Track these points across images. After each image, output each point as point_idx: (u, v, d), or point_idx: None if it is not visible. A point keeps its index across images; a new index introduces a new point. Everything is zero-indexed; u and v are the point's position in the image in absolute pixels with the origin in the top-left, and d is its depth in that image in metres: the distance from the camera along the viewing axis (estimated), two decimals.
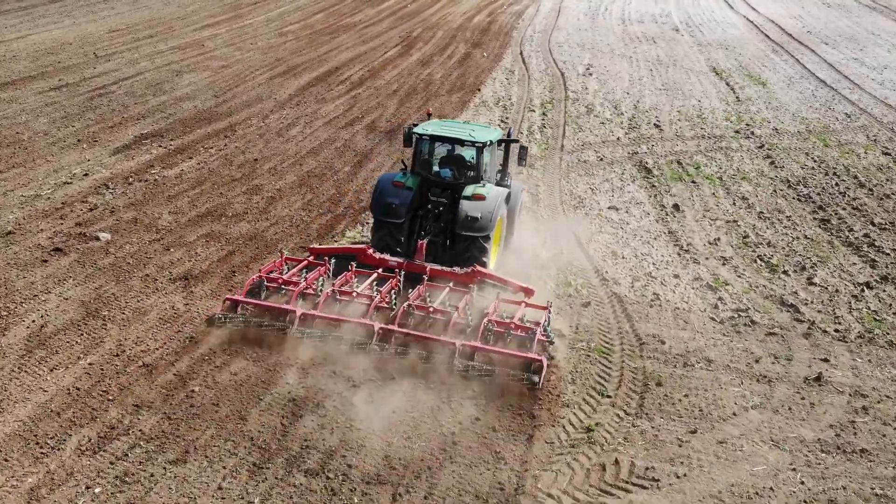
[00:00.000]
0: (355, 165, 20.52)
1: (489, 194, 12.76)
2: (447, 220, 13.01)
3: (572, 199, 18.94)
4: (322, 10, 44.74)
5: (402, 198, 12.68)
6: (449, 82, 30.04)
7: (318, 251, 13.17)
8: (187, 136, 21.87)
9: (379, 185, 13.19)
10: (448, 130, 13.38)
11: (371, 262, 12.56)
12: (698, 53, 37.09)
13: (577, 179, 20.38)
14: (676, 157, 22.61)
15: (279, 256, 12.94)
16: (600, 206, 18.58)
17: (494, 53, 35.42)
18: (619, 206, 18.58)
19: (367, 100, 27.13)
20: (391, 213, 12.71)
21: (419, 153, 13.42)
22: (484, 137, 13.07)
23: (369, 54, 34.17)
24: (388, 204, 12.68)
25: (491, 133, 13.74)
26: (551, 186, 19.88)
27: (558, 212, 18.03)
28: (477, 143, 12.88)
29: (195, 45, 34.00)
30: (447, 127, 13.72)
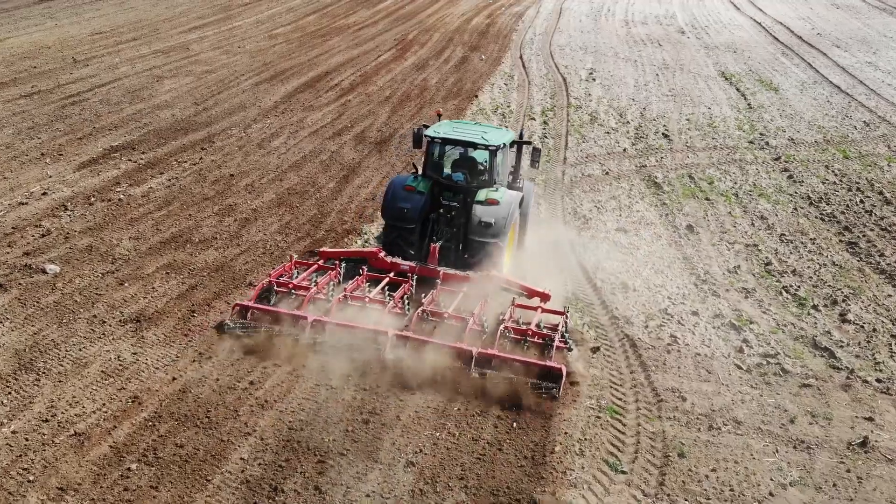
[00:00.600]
0: (341, 181, 18.78)
1: (503, 199, 12.45)
2: (460, 224, 12.71)
3: (576, 220, 17.20)
4: (315, 11, 43.00)
5: (413, 202, 12.42)
6: (445, 88, 28.29)
7: (328, 255, 12.85)
8: (161, 149, 20.13)
9: (390, 188, 12.90)
10: (460, 133, 12.97)
11: (382, 265, 12.34)
12: (706, 57, 35.33)
13: (581, 196, 18.63)
14: (688, 171, 20.87)
15: (289, 260, 12.59)
16: (607, 227, 16.84)
17: (493, 57, 33.67)
18: (627, 227, 16.84)
19: (358, 107, 25.40)
20: (403, 218, 12.46)
21: (431, 156, 13.08)
22: (497, 140, 12.70)
23: (362, 58, 32.42)
24: (400, 208, 12.42)
25: (504, 135, 13.31)
26: (553, 205, 18.16)
27: (561, 234, 16.29)
28: (490, 146, 12.53)
29: (180, 49, 32.26)
30: (459, 129, 13.26)
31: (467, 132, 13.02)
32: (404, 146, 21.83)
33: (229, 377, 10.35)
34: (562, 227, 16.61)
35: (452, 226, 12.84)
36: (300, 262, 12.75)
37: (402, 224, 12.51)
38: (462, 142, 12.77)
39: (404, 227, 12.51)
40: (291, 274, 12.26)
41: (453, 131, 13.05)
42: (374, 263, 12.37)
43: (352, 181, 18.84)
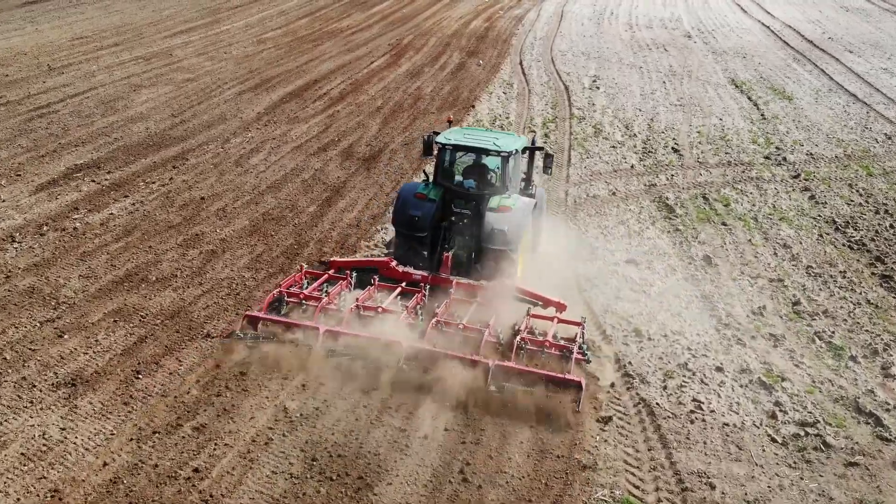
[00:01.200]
0: (323, 204, 17.05)
1: (515, 206, 12.22)
2: (472, 231, 12.42)
3: (582, 249, 15.45)
4: (307, 14, 41.25)
5: (424, 210, 12.18)
6: (440, 97, 26.55)
7: (338, 264, 12.66)
8: (128, 168, 18.40)
9: (401, 196, 12.61)
10: (472, 139, 12.68)
11: (394, 275, 12.11)
12: (714, 63, 33.57)
13: (586, 221, 16.89)
14: (701, 191, 19.12)
15: (298, 270, 12.31)
16: (616, 258, 15.09)
17: (491, 64, 31.92)
18: (638, 258, 15.08)
19: (347, 119, 23.66)
20: (414, 227, 12.21)
21: (441, 163, 12.82)
22: (509, 146, 12.37)
23: (354, 64, 30.68)
24: (411, 217, 12.18)
25: (516, 141, 12.92)
26: (556, 231, 16.40)
27: (566, 268, 14.54)
28: (503, 153, 12.22)
29: (163, 55, 30.53)
30: (470, 135, 13.01)
31: (479, 139, 12.70)
32: (394, 162, 20.12)
33: (170, 461, 8.61)
34: (566, 259, 14.87)
35: (464, 234, 12.53)
36: (310, 272, 12.30)
37: (413, 232, 12.26)
38: (474, 148, 12.51)
39: (415, 235, 12.26)
40: (301, 284, 11.88)
41: (464, 138, 12.75)
42: (385, 273, 12.10)
43: (335, 204, 17.11)
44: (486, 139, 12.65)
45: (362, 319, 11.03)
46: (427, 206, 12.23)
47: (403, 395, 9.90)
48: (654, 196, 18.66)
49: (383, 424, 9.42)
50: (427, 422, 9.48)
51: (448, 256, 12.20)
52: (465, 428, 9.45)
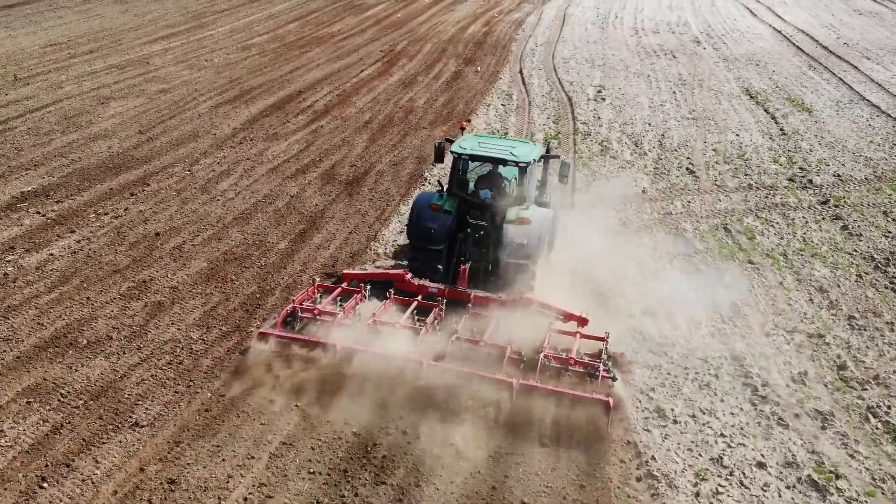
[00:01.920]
0: (296, 239, 14.98)
1: (534, 218, 11.83)
2: (489, 243, 12.04)
3: (592, 295, 13.32)
4: (298, 18, 39.14)
5: (440, 222, 11.82)
6: (433, 110, 24.46)
7: (351, 276, 12.15)
8: (81, 196, 16.34)
9: (415, 208, 12.27)
10: (488, 148, 12.18)
11: (410, 288, 11.68)
12: (726, 71, 31.44)
13: (594, 260, 14.76)
14: (722, 220, 17.03)
15: (311, 284, 11.76)
16: (630, 307, 12.98)
17: (490, 72, 29.80)
18: (656, 307, 12.98)
19: (331, 135, 21.59)
20: (430, 239, 11.84)
21: (456, 173, 12.41)
22: (527, 156, 11.95)
23: (343, 73, 28.57)
24: (427, 229, 11.82)
25: (533, 150, 12.43)
26: (560, 268, 14.31)
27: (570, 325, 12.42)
28: (521, 163, 11.82)
29: (139, 63, 28.45)
30: (486, 144, 12.42)
31: (495, 148, 12.22)
32: (380, 186, 18.05)
33: None
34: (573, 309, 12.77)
35: (481, 246, 12.14)
36: (322, 286, 11.84)
37: (429, 245, 11.87)
38: (491, 158, 12.08)
39: (431, 248, 11.86)
40: (315, 299, 11.43)
41: (480, 147, 12.22)
42: (400, 286, 11.65)
43: (310, 238, 15.03)
44: (503, 148, 12.18)
45: (380, 335, 10.48)
46: (442, 218, 11.84)
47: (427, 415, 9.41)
48: (669, 227, 16.57)
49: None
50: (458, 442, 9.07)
51: (465, 269, 11.84)
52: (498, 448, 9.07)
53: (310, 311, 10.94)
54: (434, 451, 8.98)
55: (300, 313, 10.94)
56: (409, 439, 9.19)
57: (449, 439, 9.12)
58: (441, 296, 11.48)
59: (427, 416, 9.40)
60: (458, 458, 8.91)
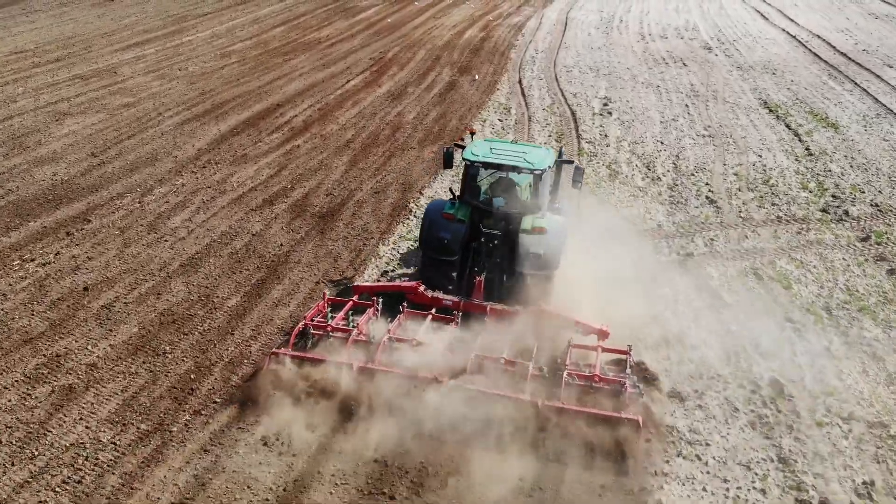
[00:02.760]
0: (251, 292, 12.56)
1: (550, 226, 11.28)
2: (503, 254, 11.58)
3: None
4: (285, 22, 36.68)
5: (453, 231, 11.31)
6: (423, 127, 22.02)
7: (362, 289, 11.54)
8: (8, 237, 13.97)
9: (427, 217, 11.70)
10: (501, 155, 11.62)
11: (423, 301, 11.20)
12: (741, 80, 28.95)
13: (605, 317, 12.33)
14: (751, 263, 14.59)
15: (321, 298, 11.11)
16: (653, 393, 10.54)
17: (487, 82, 27.34)
18: (683, 387, 10.56)
19: (307, 156, 19.17)
20: (443, 250, 11.34)
21: (469, 180, 11.87)
22: (542, 163, 11.46)
23: (327, 84, 26.14)
24: (440, 239, 11.29)
25: (547, 156, 11.84)
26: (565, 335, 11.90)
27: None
28: (536, 171, 11.35)
29: (106, 73, 26.03)
30: (498, 150, 11.82)
31: (508, 154, 11.65)
32: (358, 220, 15.64)
33: None
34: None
35: (495, 256, 11.66)
36: (333, 300, 11.30)
37: (442, 256, 11.37)
38: (505, 166, 11.50)
39: (445, 259, 11.36)
40: (326, 314, 10.89)
41: (492, 153, 11.67)
42: (413, 298, 11.19)
43: (267, 292, 12.61)
44: (516, 154, 11.60)
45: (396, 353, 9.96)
46: (456, 228, 11.32)
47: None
48: (692, 272, 14.12)
49: None
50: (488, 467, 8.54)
51: (481, 281, 11.32)
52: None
53: (322, 328, 10.37)
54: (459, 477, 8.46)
55: (312, 331, 10.35)
56: (431, 465, 8.65)
57: (473, 463, 8.66)
58: (456, 308, 10.99)
59: (450, 440, 8.90)
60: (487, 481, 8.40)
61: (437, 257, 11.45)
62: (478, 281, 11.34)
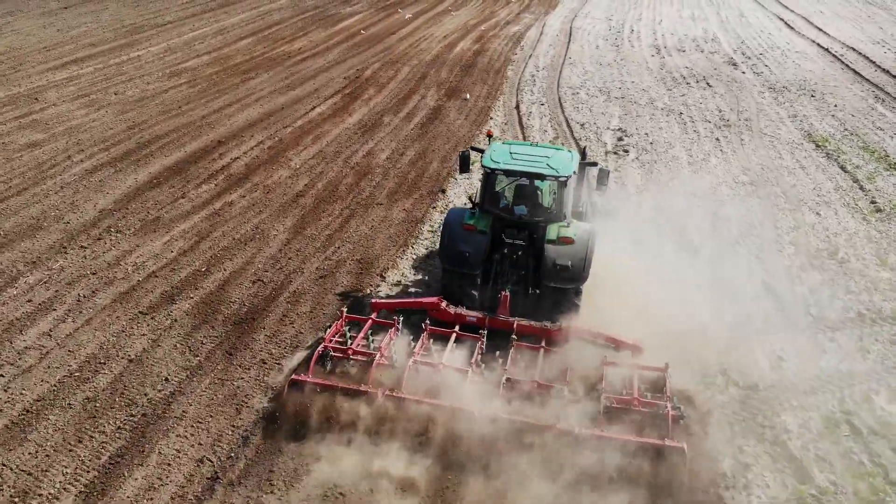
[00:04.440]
0: (94, 485, 8.01)
1: (577, 235, 10.42)
2: (528, 265, 10.76)
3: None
4: (254, 33, 32.06)
5: (475, 244, 10.49)
6: (396, 172, 17.48)
7: (381, 306, 10.72)
8: None
9: (447, 228, 10.79)
10: (522, 162, 10.68)
11: (446, 317, 10.37)
12: (776, 105, 24.32)
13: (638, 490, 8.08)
14: (839, 401, 10.02)
15: (339, 316, 10.07)
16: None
17: (478, 109, 22.78)
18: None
19: (239, 220, 14.65)
20: (465, 263, 10.48)
21: (489, 188, 10.88)
22: (566, 168, 10.55)
23: (287, 111, 21.60)
24: (461, 253, 10.45)
25: (570, 160, 10.85)
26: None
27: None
28: (560, 177, 10.45)
29: (26, 99, 21.52)
30: (519, 156, 10.83)
31: (530, 160, 10.71)
32: (288, 328, 11.12)
33: None
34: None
35: (519, 267, 10.81)
36: (352, 317, 10.25)
37: (464, 270, 10.53)
38: (528, 173, 10.58)
39: (466, 273, 10.52)
40: (344, 332, 9.82)
41: (513, 160, 10.74)
42: (435, 315, 10.36)
43: (119, 485, 8.04)
44: (538, 160, 10.72)
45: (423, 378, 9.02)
46: (477, 240, 10.51)
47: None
48: (757, 422, 9.56)
49: None
50: None
51: (507, 297, 10.37)
52: None
53: (342, 351, 9.52)
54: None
55: (332, 353, 9.50)
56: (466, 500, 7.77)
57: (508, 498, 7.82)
58: (481, 325, 10.27)
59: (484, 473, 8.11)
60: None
61: (458, 270, 10.64)
62: (503, 296, 10.46)
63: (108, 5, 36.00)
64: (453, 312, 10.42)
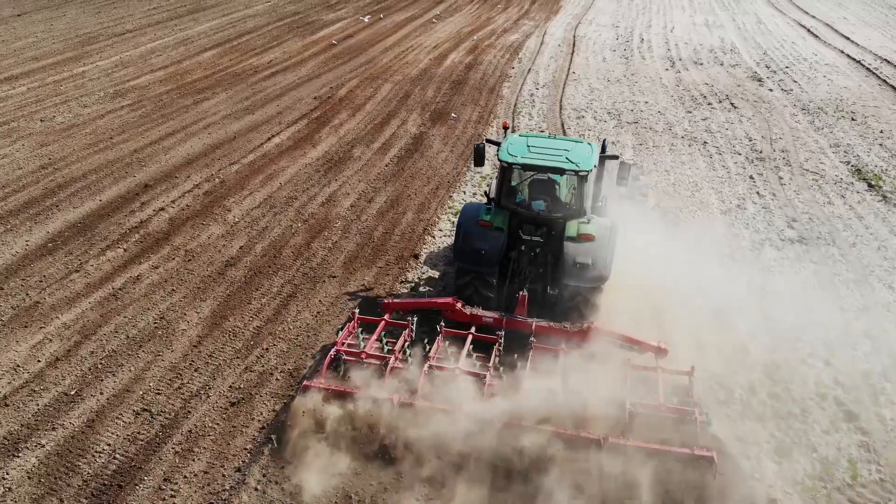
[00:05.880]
0: None
1: (598, 232, 9.79)
2: (546, 263, 10.18)
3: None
4: (221, 43, 28.33)
5: (492, 241, 9.87)
6: (360, 227, 13.82)
7: (394, 307, 10.13)
8: None
9: (462, 224, 10.22)
10: (541, 155, 9.95)
11: (462, 318, 9.80)
12: (813, 131, 20.59)
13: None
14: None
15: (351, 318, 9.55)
16: None
17: (467, 137, 19.10)
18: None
19: (141, 304, 11.00)
20: (481, 262, 9.87)
21: (506, 182, 10.20)
22: (587, 162, 9.81)
23: (238, 142, 17.94)
24: (477, 250, 9.83)
25: (591, 153, 10.07)
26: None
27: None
28: (581, 171, 9.70)
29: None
30: (537, 149, 10.10)
31: (548, 153, 9.96)
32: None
33: None
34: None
35: (537, 265, 10.21)
36: (363, 318, 9.58)
37: (480, 268, 9.91)
38: (547, 168, 9.88)
39: (483, 271, 9.89)
40: (356, 334, 9.40)
41: (531, 153, 9.99)
42: (450, 316, 9.77)
43: None
44: (557, 153, 9.95)
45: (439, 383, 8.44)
46: (494, 237, 9.87)
47: None
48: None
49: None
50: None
51: (525, 297, 9.75)
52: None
53: (355, 354, 8.79)
54: None
55: (344, 357, 8.78)
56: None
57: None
58: (499, 326, 9.58)
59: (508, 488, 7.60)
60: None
61: (473, 268, 9.91)
62: (521, 296, 9.78)
63: (68, 12, 32.33)
64: (469, 313, 9.83)
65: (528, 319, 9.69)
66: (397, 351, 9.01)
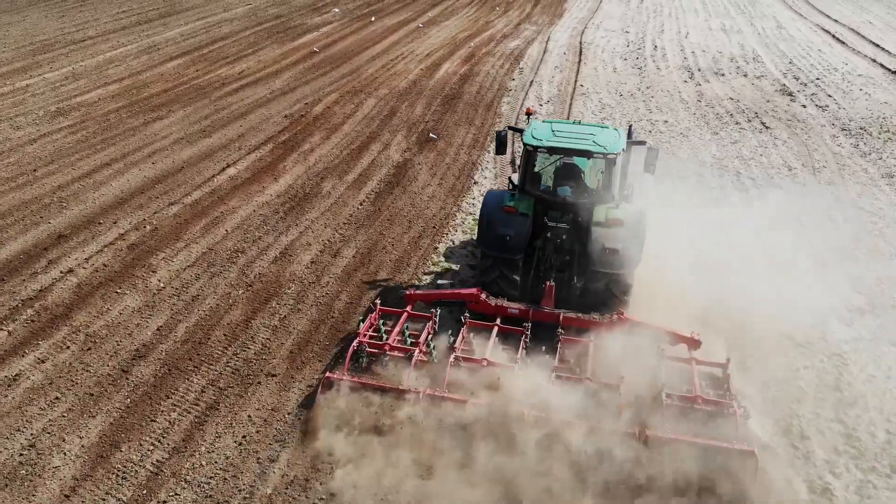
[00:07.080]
0: None
1: (627, 217, 9.41)
2: (573, 250, 9.74)
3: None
4: (190, 51, 25.25)
5: (517, 227, 9.46)
6: (317, 298, 10.80)
7: (417, 297, 9.65)
8: None
9: (485, 210, 9.81)
10: (566, 139, 9.64)
11: (486, 310, 9.46)
12: (858, 156, 17.53)
13: None
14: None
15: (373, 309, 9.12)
16: None
17: (460, 164, 16.09)
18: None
19: (12, 418, 8.03)
20: (506, 248, 9.47)
21: (530, 167, 9.90)
22: (615, 145, 9.50)
23: (185, 175, 14.93)
24: (501, 237, 9.43)
25: (619, 138, 9.79)
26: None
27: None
28: (609, 154, 9.41)
29: None
30: (562, 133, 9.78)
31: (574, 137, 9.67)
32: None
33: None
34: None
35: (563, 253, 9.78)
36: (385, 310, 9.29)
37: (505, 255, 9.51)
38: (574, 150, 9.56)
39: (508, 258, 9.52)
40: (378, 327, 9.08)
41: (556, 137, 9.68)
42: (475, 307, 9.42)
43: None
44: (584, 137, 9.65)
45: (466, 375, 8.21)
46: (519, 223, 9.46)
47: None
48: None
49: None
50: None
51: (552, 287, 9.36)
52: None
53: (378, 346, 8.62)
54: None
55: (367, 349, 8.59)
56: None
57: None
58: (525, 318, 9.21)
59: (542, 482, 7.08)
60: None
61: (498, 256, 9.46)
62: (548, 286, 9.37)
63: (29, 15, 29.33)
64: (494, 304, 9.41)
65: (555, 311, 9.30)
66: (421, 343, 8.76)
